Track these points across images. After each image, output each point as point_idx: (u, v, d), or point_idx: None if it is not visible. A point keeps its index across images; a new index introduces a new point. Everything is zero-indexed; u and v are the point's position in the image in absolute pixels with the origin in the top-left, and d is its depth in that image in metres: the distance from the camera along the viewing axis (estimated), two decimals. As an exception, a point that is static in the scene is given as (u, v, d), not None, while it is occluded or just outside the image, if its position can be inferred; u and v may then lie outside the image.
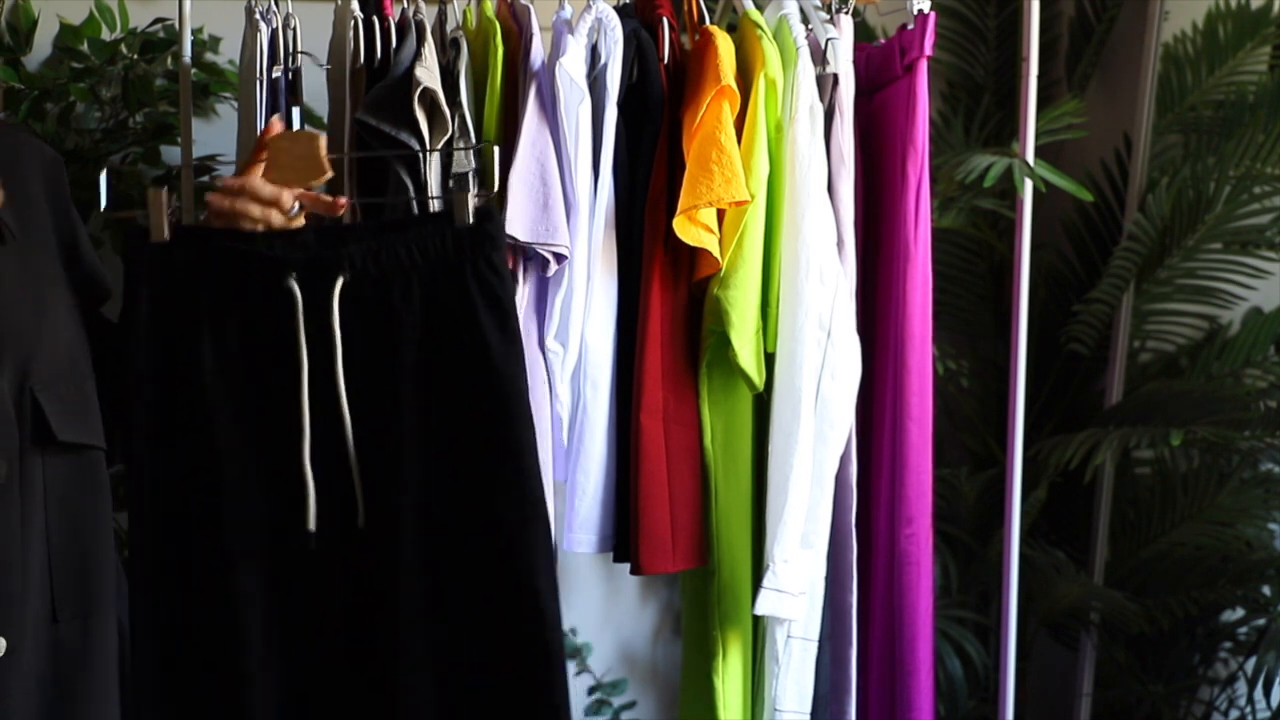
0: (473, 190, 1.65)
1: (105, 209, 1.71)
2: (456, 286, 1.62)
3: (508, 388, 1.63)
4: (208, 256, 1.61)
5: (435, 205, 1.87)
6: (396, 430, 1.63)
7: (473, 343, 1.63)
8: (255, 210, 1.64)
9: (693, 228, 1.89)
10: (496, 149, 1.80)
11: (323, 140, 1.66)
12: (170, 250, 1.60)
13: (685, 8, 2.06)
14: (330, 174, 1.66)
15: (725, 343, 1.92)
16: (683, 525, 2.00)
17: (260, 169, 1.65)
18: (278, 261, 1.61)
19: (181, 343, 1.60)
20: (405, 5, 1.98)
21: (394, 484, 1.62)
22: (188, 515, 1.61)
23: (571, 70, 1.89)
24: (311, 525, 1.59)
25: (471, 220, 1.64)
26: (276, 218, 1.65)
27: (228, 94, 2.46)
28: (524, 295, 1.93)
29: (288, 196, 1.65)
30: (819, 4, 2.06)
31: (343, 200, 1.68)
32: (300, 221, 1.68)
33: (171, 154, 2.46)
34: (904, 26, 2.08)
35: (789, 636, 2.02)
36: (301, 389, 1.59)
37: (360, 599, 1.63)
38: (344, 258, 1.61)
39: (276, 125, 1.68)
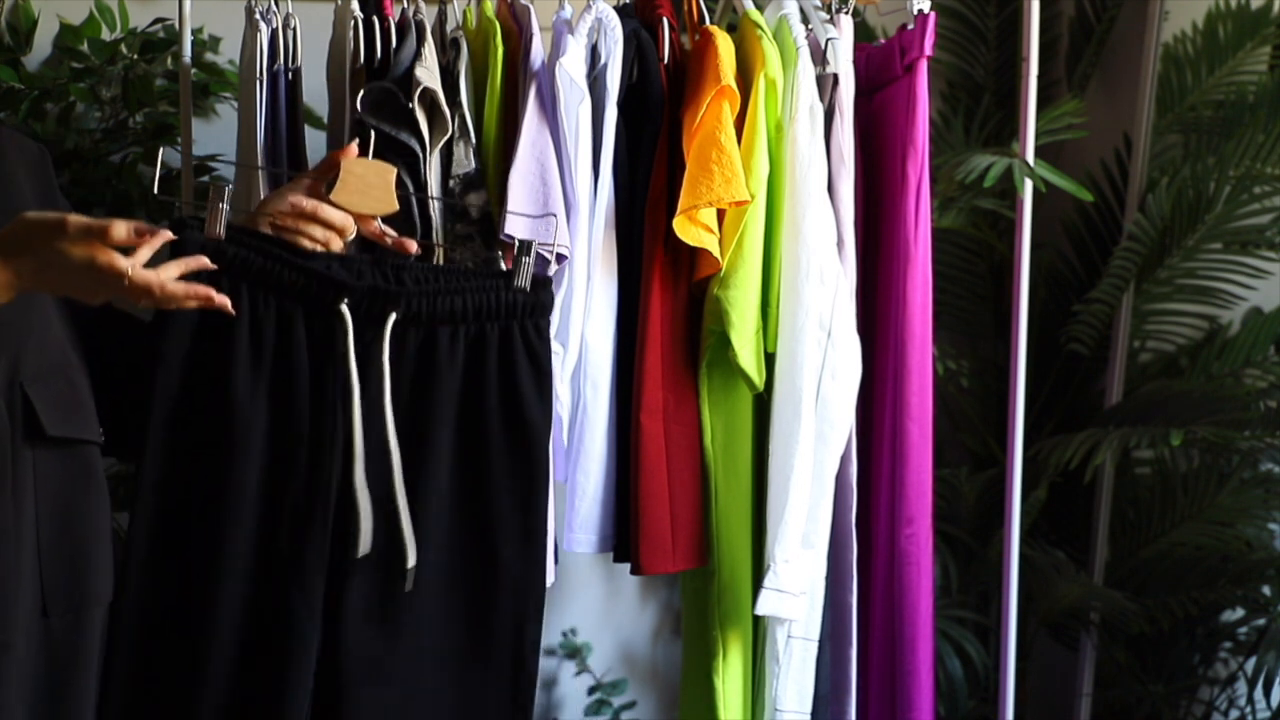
0: (532, 256, 1.66)
1: (154, 195, 1.71)
2: (503, 347, 1.64)
3: (538, 454, 1.67)
4: (261, 260, 1.59)
5: (435, 207, 1.88)
6: (425, 473, 1.64)
7: (511, 405, 1.65)
8: (319, 233, 1.64)
9: (693, 228, 1.89)
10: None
11: (394, 174, 1.65)
12: (222, 248, 1.57)
13: (685, 8, 2.06)
14: (396, 209, 1.66)
15: (725, 343, 1.92)
16: (683, 525, 2.00)
17: (314, 187, 1.64)
18: (335, 284, 1.60)
19: (217, 342, 1.59)
20: (405, 5, 1.98)
21: (415, 521, 1.63)
22: (191, 519, 1.61)
23: (571, 70, 1.89)
24: (366, 548, 1.59)
25: (528, 285, 1.65)
26: (336, 243, 1.65)
27: (228, 94, 2.46)
28: (524, 295, 1.93)
29: (353, 226, 1.65)
30: (819, 4, 2.07)
31: (413, 244, 1.67)
32: (342, 247, 1.68)
33: (171, 154, 2.46)
34: (904, 26, 2.08)
35: (789, 636, 2.02)
36: (354, 414, 1.59)
37: (355, 630, 1.63)
38: (400, 295, 1.61)
39: (353, 149, 1.66)
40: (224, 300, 1.49)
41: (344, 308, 1.59)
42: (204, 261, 1.51)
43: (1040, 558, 2.79)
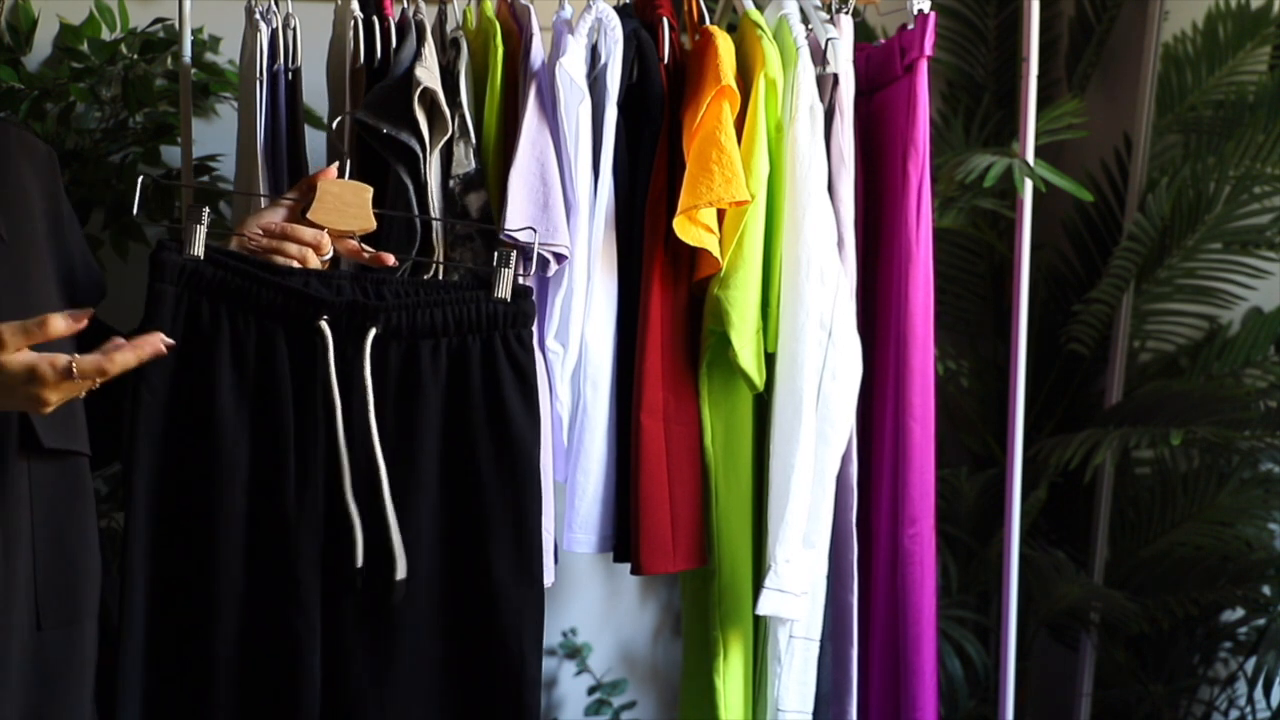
0: (516, 267, 1.66)
1: (139, 213, 1.72)
2: (486, 358, 1.64)
3: (526, 463, 1.66)
4: (239, 281, 1.59)
5: (435, 206, 1.88)
6: (413, 487, 1.63)
7: (496, 415, 1.64)
8: (294, 250, 1.65)
9: (693, 228, 1.89)
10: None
11: (370, 193, 1.68)
12: (200, 267, 1.58)
13: (685, 8, 2.06)
14: (373, 227, 1.68)
15: (725, 343, 1.92)
16: (683, 525, 2.00)
17: (294, 208, 1.67)
18: (313, 301, 1.60)
19: (199, 363, 1.59)
20: (405, 5, 1.98)
21: (405, 536, 1.63)
22: (183, 542, 1.59)
23: (571, 70, 1.89)
24: (359, 562, 1.59)
25: (509, 296, 1.65)
26: (313, 259, 1.66)
27: (228, 94, 2.46)
28: (524, 295, 1.93)
29: (328, 242, 1.66)
30: (819, 4, 2.07)
31: (390, 258, 1.68)
32: (319, 263, 1.69)
33: (171, 154, 2.46)
34: (904, 26, 2.08)
35: (791, 636, 2.02)
36: (337, 430, 1.59)
37: (350, 644, 1.63)
38: (380, 310, 1.61)
39: (331, 171, 1.69)
40: (162, 342, 1.45)
41: (323, 324, 1.59)
42: (158, 346, 1.47)
43: (1040, 558, 2.79)
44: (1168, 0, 2.89)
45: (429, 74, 1.85)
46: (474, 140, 1.92)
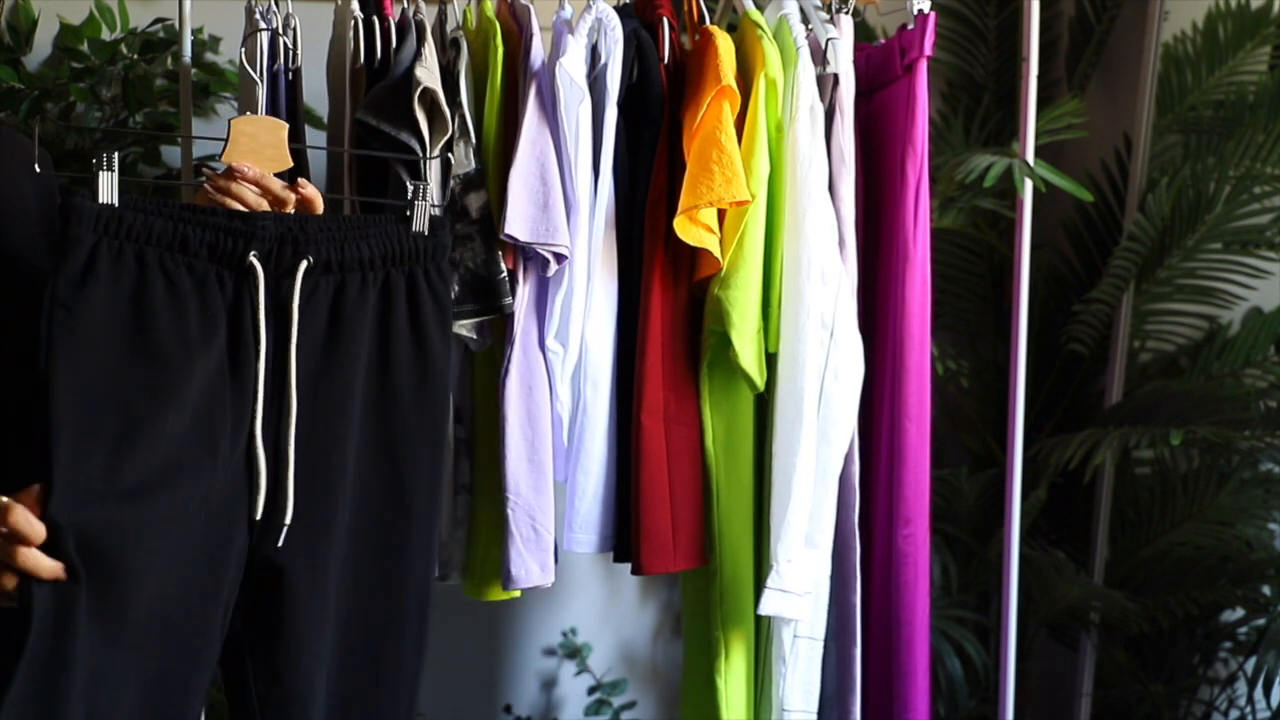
0: (431, 201, 1.67)
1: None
2: (410, 291, 1.65)
3: (443, 390, 1.67)
4: (164, 223, 1.52)
5: (436, 205, 1.88)
6: (343, 420, 1.62)
7: (420, 346, 1.65)
8: (250, 199, 1.60)
9: (693, 228, 1.89)
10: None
11: (286, 129, 1.62)
12: (120, 213, 1.49)
13: (685, 8, 2.06)
14: (290, 164, 1.63)
15: (726, 343, 1.92)
16: (684, 525, 2.00)
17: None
18: (244, 235, 1.55)
19: (131, 306, 1.50)
20: (405, 5, 1.98)
21: (332, 472, 1.62)
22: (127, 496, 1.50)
23: (571, 70, 1.89)
24: (258, 514, 1.56)
25: (426, 229, 1.66)
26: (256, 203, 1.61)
27: (228, 94, 2.47)
28: (524, 295, 1.93)
29: (292, 198, 1.63)
30: (819, 4, 2.07)
31: (319, 203, 1.66)
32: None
33: (171, 154, 2.46)
34: (904, 26, 2.08)
35: (795, 636, 2.02)
36: (258, 368, 1.56)
37: (279, 562, 1.60)
38: (309, 243, 1.59)
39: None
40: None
41: (254, 259, 1.56)
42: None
43: (1040, 558, 2.79)
44: (1168, 0, 2.89)
45: (429, 74, 1.85)
46: (474, 140, 1.92)
